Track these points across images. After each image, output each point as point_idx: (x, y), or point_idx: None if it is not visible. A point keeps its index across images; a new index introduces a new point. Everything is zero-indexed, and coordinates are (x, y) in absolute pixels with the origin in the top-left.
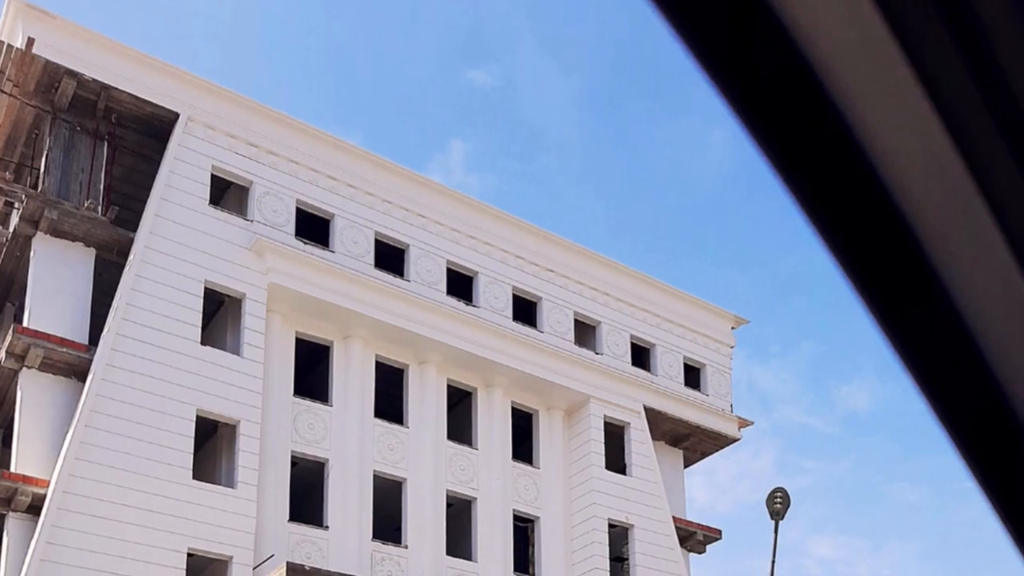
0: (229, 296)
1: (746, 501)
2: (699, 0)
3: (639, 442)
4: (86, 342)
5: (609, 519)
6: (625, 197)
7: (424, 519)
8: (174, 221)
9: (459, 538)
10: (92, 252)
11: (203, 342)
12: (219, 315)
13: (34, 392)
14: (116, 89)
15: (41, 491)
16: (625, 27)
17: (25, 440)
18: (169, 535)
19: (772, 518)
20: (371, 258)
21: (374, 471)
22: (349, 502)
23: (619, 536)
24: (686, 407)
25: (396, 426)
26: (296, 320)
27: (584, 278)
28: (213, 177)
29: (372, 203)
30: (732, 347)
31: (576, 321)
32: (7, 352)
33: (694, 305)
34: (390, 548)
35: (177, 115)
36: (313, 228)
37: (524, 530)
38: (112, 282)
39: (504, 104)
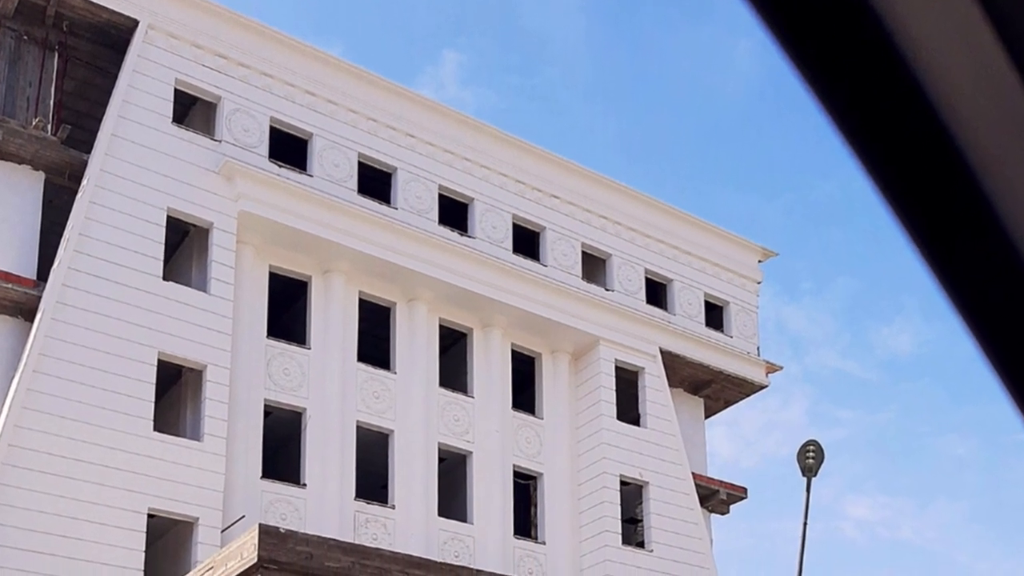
0: (194, 225)
1: (774, 456)
2: None
3: (654, 389)
4: (34, 277)
5: (621, 476)
6: (639, 115)
7: (413, 476)
8: (133, 141)
9: (452, 497)
10: (41, 176)
11: (165, 277)
12: (183, 247)
13: None
14: None
15: None
16: None
17: None
18: (127, 494)
19: (804, 475)
20: (354, 183)
21: (357, 422)
22: (329, 457)
23: (632, 495)
24: (707, 350)
25: (382, 371)
26: (270, 252)
27: (593, 206)
28: (177, 92)
29: (355, 121)
30: (759, 283)
31: (584, 254)
32: None
33: (716, 236)
34: (375, 508)
35: (136, 22)
36: (289, 149)
37: (525, 488)
38: (63, 210)
39: (503, 10)
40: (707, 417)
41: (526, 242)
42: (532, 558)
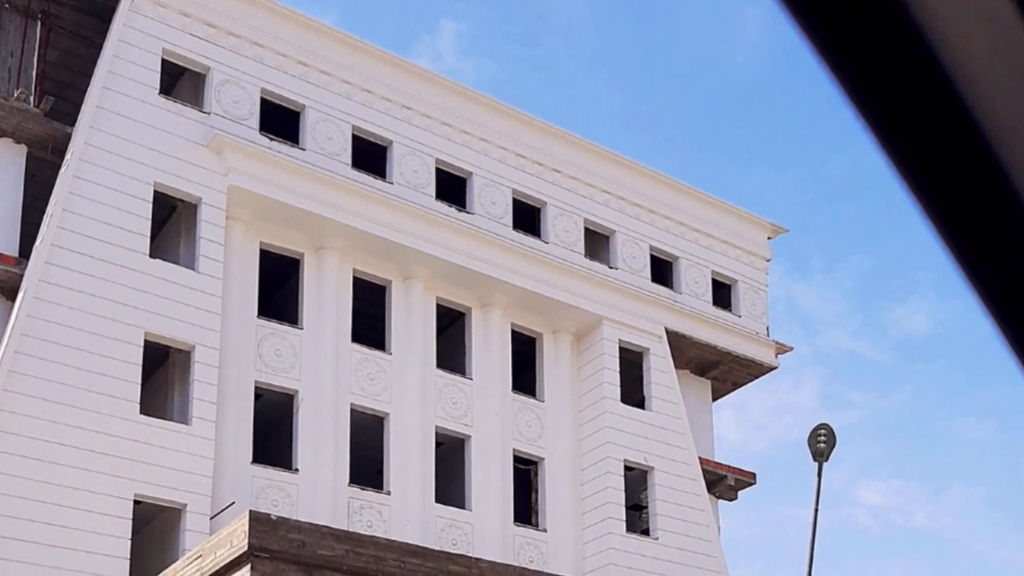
0: (183, 201)
1: (784, 440)
2: None
3: (660, 371)
4: (16, 254)
5: (625, 460)
6: (644, 86)
7: (409, 461)
8: (119, 114)
9: (450, 483)
10: (23, 149)
11: (152, 255)
12: (171, 223)
13: None
14: None
15: None
16: None
17: None
18: (113, 479)
19: (815, 459)
20: (348, 157)
21: (351, 405)
22: (322, 441)
23: (637, 480)
24: (715, 330)
25: (377, 352)
26: (260, 229)
27: (596, 180)
28: (164, 63)
29: (349, 93)
30: (768, 260)
31: (587, 230)
32: None
33: (724, 212)
34: (370, 494)
35: None
36: (280, 122)
37: (526, 473)
38: (47, 185)
39: None
40: (714, 400)
41: (526, 218)
42: (533, 546)
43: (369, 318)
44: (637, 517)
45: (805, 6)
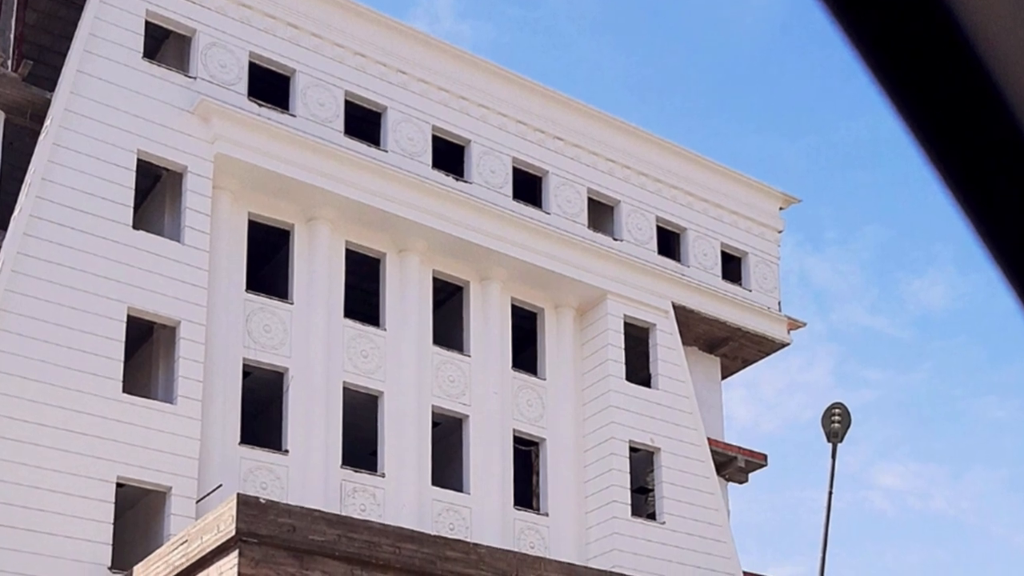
0: (167, 170)
1: (797, 420)
2: None
3: (667, 348)
4: None
5: (630, 442)
6: (650, 51)
7: (405, 442)
8: (100, 78)
9: (447, 465)
10: (0, 116)
11: (135, 226)
12: (155, 193)
13: None
14: None
15: None
16: None
17: None
18: (94, 461)
19: (829, 440)
20: (340, 124)
21: (344, 383)
22: (313, 421)
23: (642, 462)
24: (724, 305)
25: (371, 328)
26: (249, 199)
27: (600, 148)
28: (148, 25)
29: (342, 57)
30: (780, 232)
31: (590, 200)
32: None
33: (734, 181)
34: (363, 477)
35: None
36: (269, 87)
37: (527, 455)
38: (25, 153)
39: None
40: (724, 378)
41: (527, 188)
42: (534, 531)
43: (362, 292)
44: (643, 501)
45: None
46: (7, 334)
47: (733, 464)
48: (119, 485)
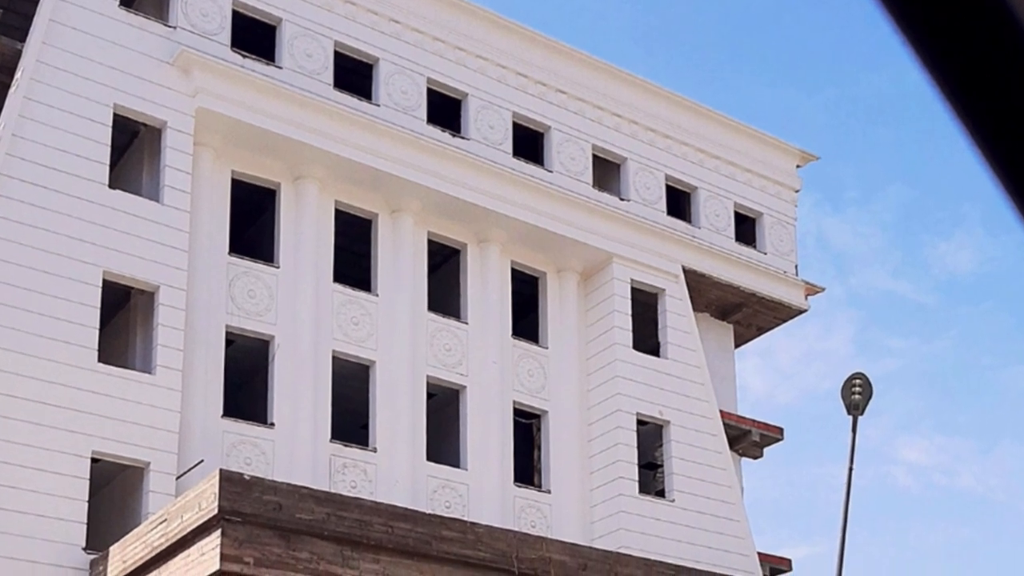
0: (145, 125)
1: (815, 391)
2: None
3: (676, 314)
4: None
5: (638, 414)
6: None
7: (398, 414)
8: (74, 28)
9: (443, 439)
10: None
11: (112, 185)
12: (132, 150)
13: None
14: None
15: None
16: None
17: None
18: (68, 435)
19: (849, 413)
20: (329, 76)
21: (333, 352)
22: (301, 392)
23: (651, 436)
24: (737, 269)
25: (362, 293)
26: (232, 156)
27: (605, 102)
28: None
29: (330, 4)
30: (797, 191)
31: (595, 158)
32: None
33: (748, 137)
34: (354, 451)
35: None
36: (254, 37)
37: (528, 428)
38: None
39: None
40: (737, 346)
41: (528, 144)
42: (535, 508)
43: (353, 255)
44: (651, 477)
45: None
46: None
47: (747, 438)
48: (94, 460)
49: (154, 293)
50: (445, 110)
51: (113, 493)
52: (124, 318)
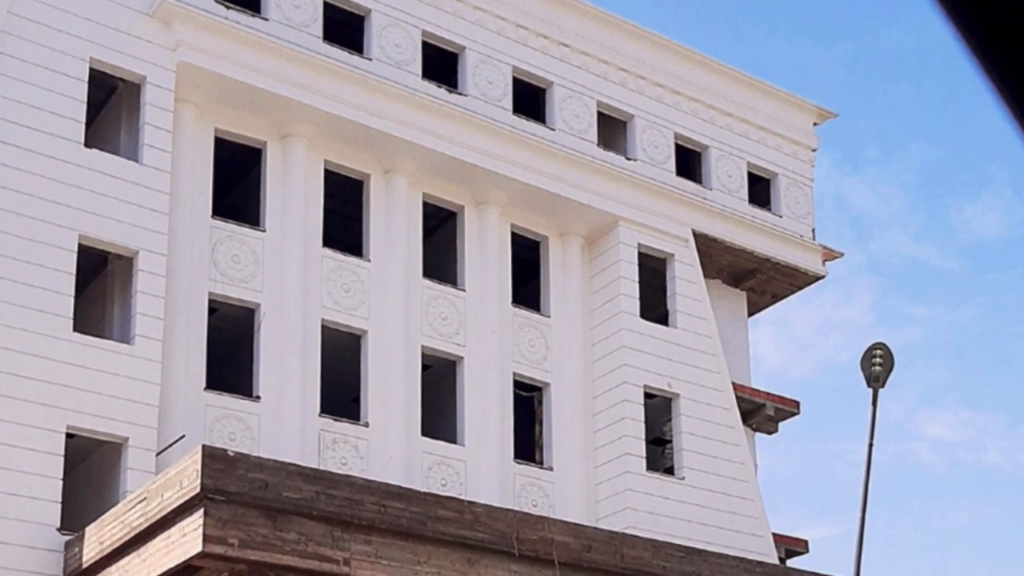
0: (124, 80)
1: (833, 362)
2: None
3: (686, 281)
4: None
5: (645, 387)
6: None
7: (391, 387)
8: None
9: (439, 413)
10: None
11: (88, 144)
12: (110, 107)
13: None
14: None
15: None
16: None
17: None
18: (41, 409)
19: (869, 385)
20: (318, 28)
21: (323, 321)
22: (288, 363)
23: (659, 410)
24: (751, 233)
25: (353, 259)
26: (216, 113)
27: (611, 56)
28: None
29: None
30: (814, 151)
31: (600, 115)
32: None
33: (762, 93)
34: (345, 426)
35: None
36: None
37: (528, 402)
38: None
39: None
40: (751, 315)
41: (529, 100)
42: (536, 487)
43: (343, 218)
44: (659, 453)
45: None
46: None
47: (761, 412)
48: (69, 436)
49: (133, 258)
50: (441, 64)
51: (89, 470)
52: (101, 285)
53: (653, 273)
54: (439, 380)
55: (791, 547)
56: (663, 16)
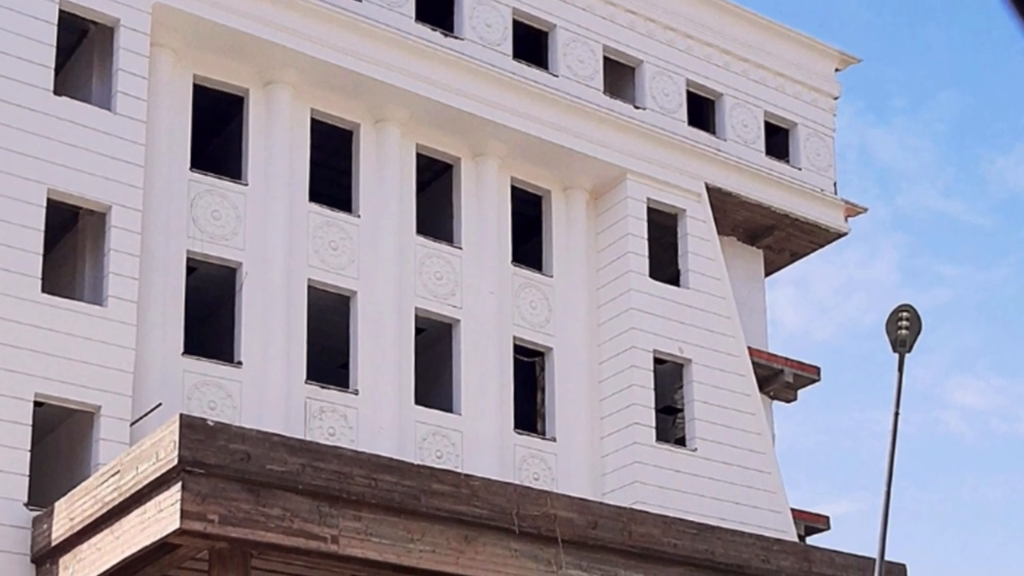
0: (95, 23)
1: (856, 325)
2: None
3: (699, 238)
4: None
5: (655, 351)
6: None
7: (383, 351)
8: None
9: (434, 380)
10: None
11: (57, 91)
12: (81, 51)
13: None
14: None
15: None
16: None
17: None
18: (8, 375)
19: (895, 350)
20: None
21: (309, 281)
22: (272, 326)
23: (670, 376)
24: (768, 187)
25: (341, 214)
26: (195, 59)
27: None
28: None
29: None
30: (836, 99)
31: (607, 60)
32: None
33: (780, 37)
34: (333, 393)
35: None
36: None
37: (530, 367)
38: None
39: None
40: (768, 275)
41: (530, 45)
42: (538, 458)
43: (331, 171)
44: (670, 423)
45: None
46: None
47: (779, 379)
48: (37, 404)
49: (105, 214)
50: (435, 6)
51: (59, 441)
52: (71, 242)
53: (663, 230)
54: (434, 344)
55: (811, 523)
56: None
